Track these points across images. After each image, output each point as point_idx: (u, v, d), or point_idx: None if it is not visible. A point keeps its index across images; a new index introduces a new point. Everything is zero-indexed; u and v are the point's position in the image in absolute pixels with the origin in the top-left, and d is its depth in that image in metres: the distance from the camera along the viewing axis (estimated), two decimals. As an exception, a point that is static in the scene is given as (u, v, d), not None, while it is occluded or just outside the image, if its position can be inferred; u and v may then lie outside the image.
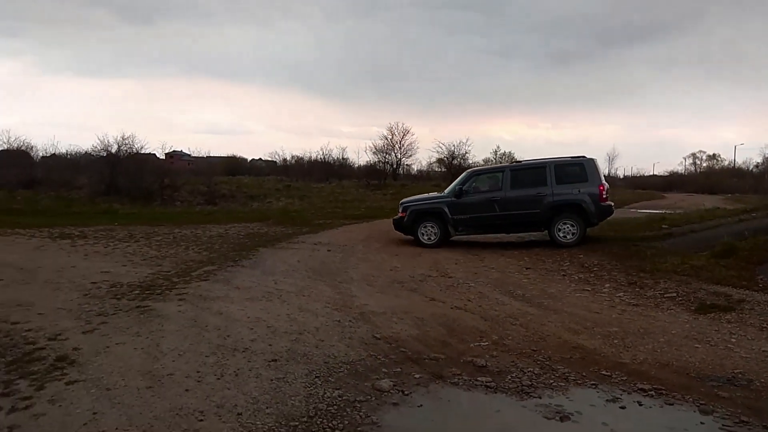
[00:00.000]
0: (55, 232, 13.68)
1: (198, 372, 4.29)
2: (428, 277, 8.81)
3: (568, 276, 8.85)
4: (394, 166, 39.00)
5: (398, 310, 6.56)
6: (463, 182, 12.45)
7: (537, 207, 11.41)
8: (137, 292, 7.05)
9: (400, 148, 38.90)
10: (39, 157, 34.26)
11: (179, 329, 5.34)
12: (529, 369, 4.84)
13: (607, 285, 8.19)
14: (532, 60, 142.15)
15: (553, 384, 4.60)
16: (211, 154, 53.59)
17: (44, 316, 5.94)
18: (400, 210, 12.74)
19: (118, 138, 27.22)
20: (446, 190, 12.87)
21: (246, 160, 60.82)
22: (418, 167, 43.45)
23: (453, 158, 38.03)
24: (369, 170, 39.16)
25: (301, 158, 44.33)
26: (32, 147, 33.70)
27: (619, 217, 17.62)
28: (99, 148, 27.86)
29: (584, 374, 4.83)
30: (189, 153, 57.97)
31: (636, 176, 74.94)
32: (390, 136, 39.08)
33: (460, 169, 39.07)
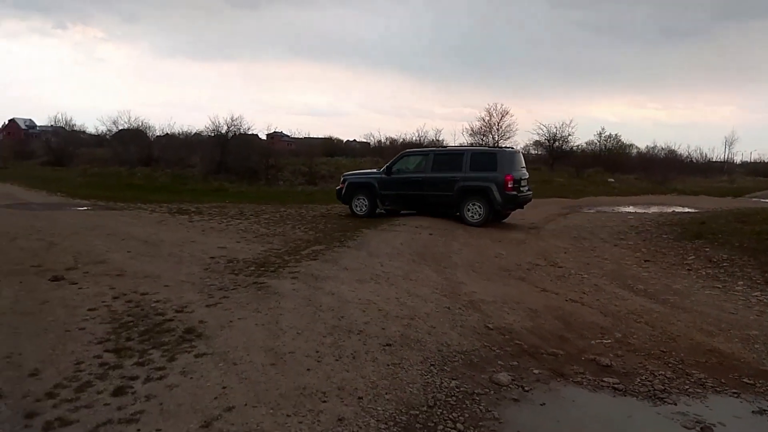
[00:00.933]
0: (174, 208, 14.66)
1: (317, 352, 4.35)
2: (536, 266, 8.46)
3: (693, 271, 8.14)
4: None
5: (508, 299, 6.33)
6: (394, 161, 13.56)
7: (450, 190, 12.35)
8: (252, 268, 7.33)
9: (497, 130, 37.85)
10: (154, 136, 36.91)
11: (295, 307, 5.47)
12: (660, 372, 4.47)
13: (741, 282, 7.44)
14: (640, 36, 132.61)
15: (689, 390, 4.22)
16: (310, 135, 55.24)
17: (170, 288, 6.32)
18: (341, 181, 14.08)
19: (228, 119, 28.74)
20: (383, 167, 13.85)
21: (341, 141, 62.12)
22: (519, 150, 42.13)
23: (554, 141, 36.42)
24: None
25: (395, 140, 44.51)
26: (149, 127, 36.41)
27: (745, 206, 16.01)
28: (210, 128, 29.60)
29: (723, 381, 4.40)
30: (288, 134, 60.13)
31: (758, 162, 67.90)
32: (488, 118, 38.15)
33: (561, 152, 37.43)
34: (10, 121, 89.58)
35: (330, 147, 51.29)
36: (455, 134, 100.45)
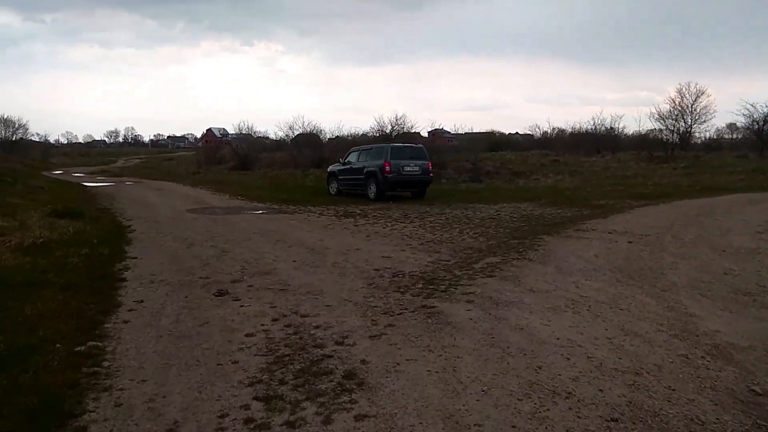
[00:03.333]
0: (341, 211, 14.47)
1: (514, 427, 3.17)
2: (790, 288, 6.31)
3: None
4: (683, 134, 33.17)
5: (772, 343, 4.53)
6: (348, 154, 18.86)
7: (361, 174, 17.18)
8: (420, 285, 6.38)
9: (691, 112, 32.87)
10: (326, 139, 38.52)
11: (476, 347, 4.35)
12: None
13: None
14: None
15: None
16: (472, 130, 53.88)
17: (331, 309, 5.61)
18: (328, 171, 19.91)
19: (391, 119, 28.71)
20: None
21: (504, 134, 59.60)
22: (711, 134, 36.28)
23: (765, 122, 30.54)
24: (649, 140, 34.17)
25: (563, 130, 41.24)
26: (321, 130, 38.08)
27: None
28: (375, 128, 29.87)
29: None
30: (449, 131, 59.33)
31: None
32: (678, 99, 33.33)
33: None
34: (207, 130, 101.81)
35: (493, 141, 49.41)
36: (639, 119, 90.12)
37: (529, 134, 56.55)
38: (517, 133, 60.27)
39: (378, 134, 29.00)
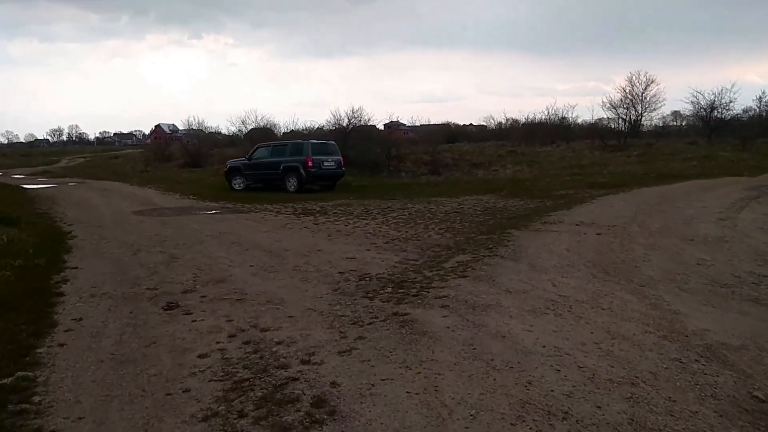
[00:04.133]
0: (299, 208, 13.89)
1: (512, 461, 2.79)
2: (764, 276, 6.21)
3: None
4: (634, 122, 33.89)
5: (763, 339, 4.32)
6: (253, 150, 19.71)
7: (278, 169, 18.09)
8: (389, 289, 5.96)
9: (641, 101, 33.61)
10: (281, 134, 37.59)
11: (457, 361, 3.96)
12: None
13: None
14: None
15: None
16: (429, 122, 53.84)
17: (294, 321, 5.12)
18: (227, 166, 20.25)
19: (348, 112, 28.12)
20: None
21: (459, 126, 59.74)
22: (658, 122, 37.20)
23: (713, 109, 31.50)
24: (601, 129, 34.77)
25: (517, 121, 41.61)
26: (275, 125, 37.12)
27: None
28: (332, 122, 29.22)
29: None
30: (404, 123, 59.09)
31: None
32: (629, 88, 34.01)
33: (721, 121, 32.42)
34: (156, 127, 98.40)
35: (449, 133, 49.42)
36: (592, 109, 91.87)
37: (483, 125, 56.95)
38: (471, 124, 60.53)
39: (335, 127, 28.34)
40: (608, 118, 34.86)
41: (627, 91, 33.71)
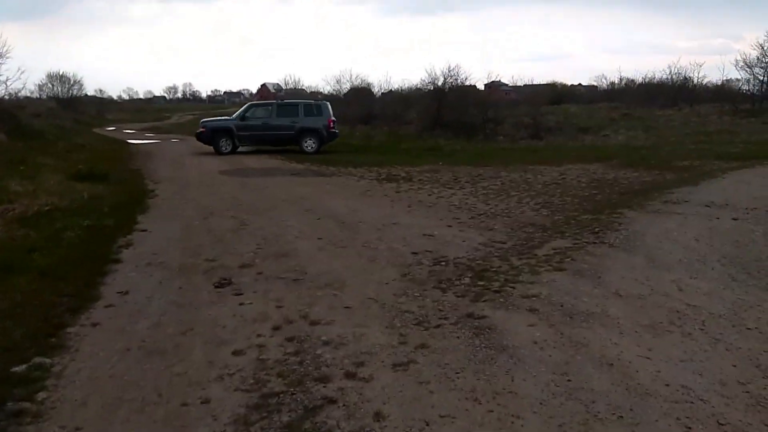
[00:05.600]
0: (383, 173, 13.10)
1: None
2: None
3: None
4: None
5: None
6: (246, 111, 18.61)
7: (291, 130, 17.94)
8: (467, 280, 5.01)
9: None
10: (379, 94, 36.74)
11: (544, 398, 2.97)
12: None
13: None
14: None
15: None
16: (532, 82, 50.65)
17: (350, 314, 4.35)
18: (201, 127, 18.66)
19: (444, 70, 26.64)
20: (233, 116, 18.85)
21: (566, 86, 55.65)
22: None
23: None
24: (731, 92, 30.52)
25: (633, 80, 37.64)
26: (370, 84, 36.34)
27: None
28: (426, 81, 27.90)
29: None
30: (506, 83, 56.02)
31: None
32: (768, 45, 29.26)
33: None
34: (262, 86, 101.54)
35: (555, 94, 46.01)
36: (723, 68, 79.76)
37: (593, 86, 52.58)
38: (580, 84, 56.05)
39: (431, 86, 27.04)
40: (740, 79, 30.47)
41: (766, 48, 29.05)
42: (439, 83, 26.29)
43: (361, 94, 36.17)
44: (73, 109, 40.35)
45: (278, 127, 17.99)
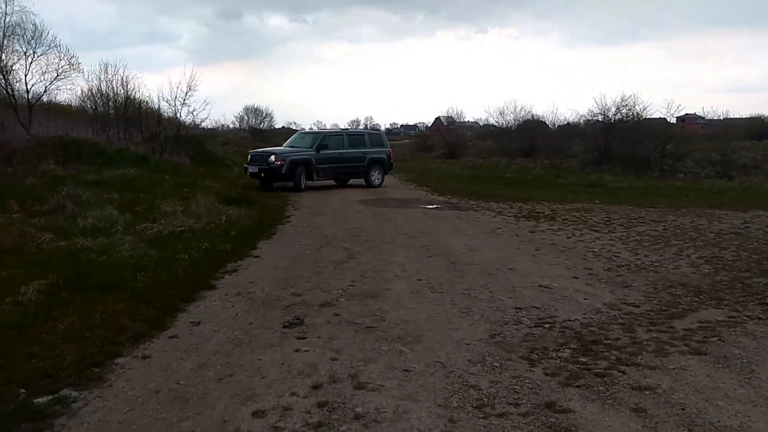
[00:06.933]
0: (525, 210, 11.99)
1: None
2: None
3: None
4: None
5: None
6: (321, 140, 16.67)
7: (362, 162, 16.86)
8: (567, 352, 3.98)
9: None
10: (555, 126, 34.91)
11: None
12: None
13: None
14: None
15: None
16: (727, 114, 44.30)
17: (406, 380, 3.64)
18: (274, 160, 15.56)
19: (617, 100, 24.33)
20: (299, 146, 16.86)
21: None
22: None
23: None
24: None
25: None
26: (539, 116, 34.80)
27: None
28: (595, 112, 25.75)
29: None
30: (701, 115, 49.76)
31: None
32: None
33: None
34: (436, 119, 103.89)
35: (757, 128, 39.52)
36: None
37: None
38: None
39: (600, 116, 24.84)
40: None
41: None
42: (609, 114, 24.04)
43: (531, 126, 34.79)
44: (263, 138, 44.96)
45: (351, 158, 16.62)
